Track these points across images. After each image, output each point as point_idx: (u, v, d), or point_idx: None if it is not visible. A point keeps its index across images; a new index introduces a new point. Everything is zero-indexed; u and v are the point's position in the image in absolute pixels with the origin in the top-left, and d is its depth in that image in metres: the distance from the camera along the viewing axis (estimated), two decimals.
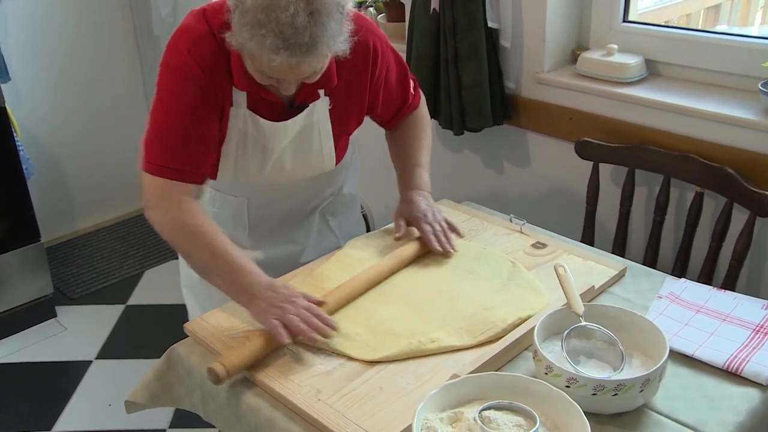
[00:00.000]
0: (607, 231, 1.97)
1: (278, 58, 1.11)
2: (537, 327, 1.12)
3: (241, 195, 1.49)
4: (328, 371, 1.15)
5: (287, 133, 1.36)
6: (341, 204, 1.66)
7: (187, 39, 1.26)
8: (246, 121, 1.33)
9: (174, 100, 1.26)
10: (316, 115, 1.37)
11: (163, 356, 1.28)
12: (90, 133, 3.30)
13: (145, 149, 1.29)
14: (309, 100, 1.35)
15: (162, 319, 2.75)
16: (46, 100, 3.11)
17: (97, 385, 2.41)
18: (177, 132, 1.26)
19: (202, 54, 1.25)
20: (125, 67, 3.34)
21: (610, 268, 1.42)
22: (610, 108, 1.88)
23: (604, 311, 1.17)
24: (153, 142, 1.28)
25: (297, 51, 1.10)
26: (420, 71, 2.06)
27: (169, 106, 1.26)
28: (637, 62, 1.87)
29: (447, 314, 1.26)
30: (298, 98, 1.34)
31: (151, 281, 3.01)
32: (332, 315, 1.24)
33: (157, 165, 1.28)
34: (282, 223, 1.56)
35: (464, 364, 1.13)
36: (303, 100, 1.34)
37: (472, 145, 2.27)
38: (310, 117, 1.36)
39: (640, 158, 1.81)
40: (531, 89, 2.04)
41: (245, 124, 1.34)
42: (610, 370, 1.10)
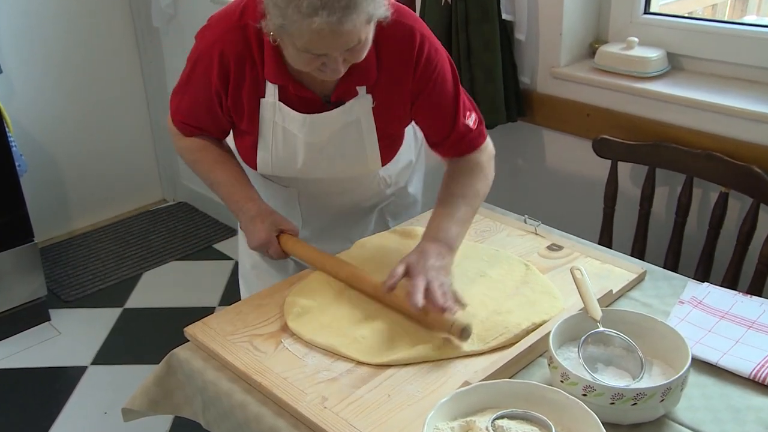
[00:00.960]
0: (626, 233, 1.97)
1: (318, 19, 1.10)
2: (552, 332, 1.12)
3: (291, 185, 1.54)
4: (334, 377, 1.15)
5: (323, 129, 1.38)
6: (404, 205, 1.68)
7: (216, 30, 1.34)
8: (276, 112, 1.37)
9: (188, 77, 1.40)
10: (357, 113, 1.38)
11: (163, 361, 1.28)
12: (87, 129, 3.31)
13: (174, 89, 1.47)
14: (346, 97, 1.36)
15: (161, 322, 2.75)
16: (41, 94, 3.13)
17: (92, 392, 2.42)
18: (189, 105, 1.43)
19: (228, 46, 1.31)
20: (124, 60, 3.35)
21: (629, 271, 1.42)
22: (630, 104, 1.88)
23: (623, 317, 1.17)
24: (175, 92, 1.47)
25: (336, 7, 1.10)
26: None
27: (185, 80, 1.42)
28: (658, 56, 1.87)
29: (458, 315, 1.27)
30: (335, 94, 1.36)
31: (149, 283, 3.02)
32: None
33: (171, 109, 1.48)
34: (337, 219, 1.60)
35: (476, 371, 1.13)
36: (340, 97, 1.36)
37: None
38: (350, 115, 1.38)
39: (661, 157, 1.81)
40: (547, 84, 2.04)
41: (277, 116, 1.38)
42: (629, 378, 1.11)
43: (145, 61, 3.40)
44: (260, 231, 1.42)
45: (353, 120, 1.38)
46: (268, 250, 1.43)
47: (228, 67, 1.33)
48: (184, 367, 1.26)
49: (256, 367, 1.18)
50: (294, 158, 1.43)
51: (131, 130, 3.47)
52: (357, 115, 1.38)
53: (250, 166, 1.50)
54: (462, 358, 1.19)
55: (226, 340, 1.25)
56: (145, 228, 3.45)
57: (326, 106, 1.37)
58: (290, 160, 1.43)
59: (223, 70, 1.34)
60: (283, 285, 1.41)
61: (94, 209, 3.47)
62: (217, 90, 1.37)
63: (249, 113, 1.39)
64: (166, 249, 3.25)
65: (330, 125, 1.38)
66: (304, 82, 1.34)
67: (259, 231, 1.43)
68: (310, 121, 1.37)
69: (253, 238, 1.44)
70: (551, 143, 2.11)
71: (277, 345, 1.24)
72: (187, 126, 1.47)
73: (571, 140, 2.05)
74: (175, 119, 1.48)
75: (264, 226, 1.42)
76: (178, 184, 3.68)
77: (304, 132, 1.39)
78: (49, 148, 3.23)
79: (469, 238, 1.55)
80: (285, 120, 1.38)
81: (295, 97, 1.36)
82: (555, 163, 2.12)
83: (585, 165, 2.03)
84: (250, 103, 1.38)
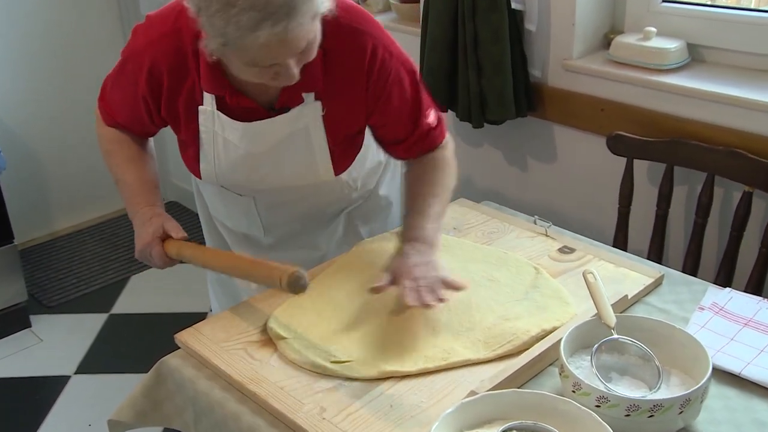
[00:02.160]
0: (643, 234, 1.98)
1: (262, 33, 1.09)
2: (564, 340, 1.13)
3: (245, 194, 1.53)
4: (333, 387, 1.16)
5: (266, 137, 1.38)
6: (375, 208, 1.67)
7: (151, 33, 1.34)
8: (215, 121, 1.37)
9: (119, 71, 1.43)
10: (304, 120, 1.37)
11: (152, 370, 1.29)
12: (70, 123, 3.31)
13: (103, 84, 1.49)
14: (291, 104, 1.35)
15: (150, 329, 2.76)
16: (20, 85, 3.13)
17: (76, 403, 2.43)
18: (116, 97, 1.46)
19: (160, 55, 1.32)
20: (109, 50, 3.35)
21: (645, 275, 1.43)
22: (647, 98, 1.89)
23: (639, 323, 1.18)
24: (107, 79, 1.48)
25: (279, 15, 1.09)
26: (435, 57, 2.06)
27: (117, 72, 1.44)
28: (677, 47, 1.87)
29: (463, 325, 1.28)
30: (280, 101, 1.35)
31: (137, 287, 3.02)
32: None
33: (101, 97, 1.50)
34: (301, 226, 1.59)
35: (483, 381, 1.14)
36: (285, 104, 1.35)
37: (492, 139, 2.27)
38: (297, 122, 1.37)
39: (679, 154, 1.81)
40: (558, 77, 2.05)
41: (216, 125, 1.37)
42: (646, 388, 1.11)
43: None
44: (144, 234, 1.40)
45: (300, 128, 1.38)
46: (151, 252, 1.40)
47: (160, 78, 1.34)
48: (174, 376, 1.26)
49: (251, 376, 1.18)
50: (237, 168, 1.42)
51: None
52: (304, 122, 1.37)
53: (195, 176, 1.50)
54: (468, 366, 1.20)
55: (219, 347, 1.26)
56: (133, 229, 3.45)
57: (269, 114, 1.36)
58: (234, 171, 1.43)
59: (154, 79, 1.34)
60: None
61: (78, 209, 3.47)
62: (144, 96, 1.37)
63: (186, 123, 1.39)
64: None
65: (273, 134, 1.38)
66: (244, 91, 1.33)
67: (144, 232, 1.40)
68: (251, 130, 1.37)
69: (139, 239, 1.41)
70: (563, 140, 2.11)
71: (273, 352, 1.24)
72: (110, 117, 1.49)
73: (584, 137, 2.05)
74: (100, 105, 1.50)
75: (148, 230, 1.40)
76: (168, 182, 3.68)
77: (245, 142, 1.38)
78: (29, 143, 3.23)
79: (475, 239, 1.56)
80: (225, 130, 1.37)
81: (236, 107, 1.35)
82: (567, 160, 2.13)
83: (599, 163, 2.04)
84: (187, 113, 1.38)
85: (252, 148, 1.39)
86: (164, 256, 1.40)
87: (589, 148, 2.05)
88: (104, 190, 3.50)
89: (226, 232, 1.67)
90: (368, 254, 1.48)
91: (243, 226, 1.61)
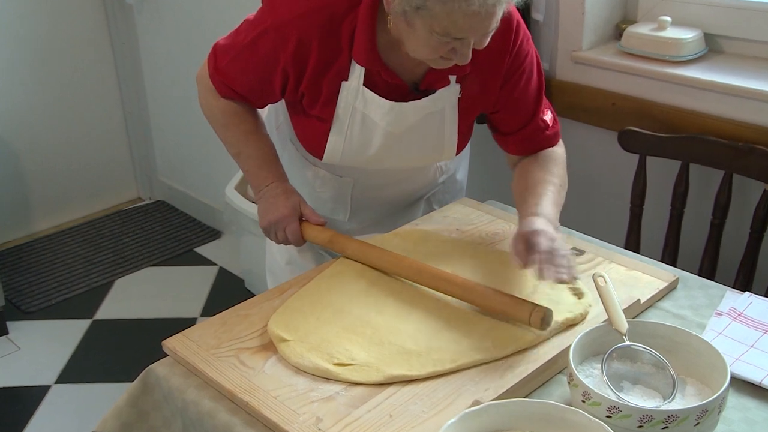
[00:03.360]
0: (656, 235, 1.98)
1: (477, 1, 1.18)
2: (573, 346, 1.13)
3: (347, 175, 1.61)
4: (329, 396, 1.16)
5: (407, 117, 1.45)
6: (451, 192, 1.77)
7: (299, 4, 1.38)
8: (359, 97, 1.43)
9: (250, 43, 1.43)
10: (442, 102, 1.45)
11: (138, 379, 1.29)
12: (50, 118, 3.32)
13: (217, 45, 1.50)
14: (438, 85, 1.43)
15: (136, 335, 2.76)
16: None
17: (56, 414, 2.43)
18: (239, 70, 1.47)
19: (311, 29, 1.36)
20: (92, 40, 3.36)
21: (659, 278, 1.43)
22: (661, 92, 1.89)
23: (652, 329, 1.18)
24: (222, 50, 1.49)
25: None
26: None
27: (243, 45, 1.45)
28: (694, 37, 1.87)
29: (470, 327, 1.28)
30: (426, 82, 1.42)
31: (122, 292, 3.03)
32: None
33: (212, 65, 1.51)
34: (385, 211, 1.68)
35: (488, 389, 1.14)
36: (430, 85, 1.43)
37: None
38: (436, 104, 1.45)
39: (696, 150, 1.82)
40: (567, 70, 2.05)
41: (358, 101, 1.43)
42: (660, 398, 1.11)
43: (117, 42, 3.41)
44: (282, 206, 1.51)
45: (437, 110, 1.46)
46: (286, 227, 1.51)
47: (308, 53, 1.39)
48: (161, 385, 1.27)
49: (243, 385, 1.19)
50: (368, 147, 1.49)
51: (102, 120, 3.47)
52: (442, 104, 1.45)
53: (312, 153, 1.56)
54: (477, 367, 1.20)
55: (210, 354, 1.26)
56: (118, 230, 3.46)
57: (413, 94, 1.44)
58: (364, 148, 1.50)
59: (301, 53, 1.39)
60: (273, 292, 1.42)
61: (60, 209, 3.48)
62: (285, 69, 1.41)
63: (326, 97, 1.45)
64: (142, 253, 3.26)
65: (414, 114, 1.45)
66: (393, 68, 1.41)
67: (281, 206, 1.51)
68: (397, 110, 1.44)
69: (272, 211, 1.52)
70: (572, 136, 2.11)
71: (267, 359, 1.25)
72: (228, 89, 1.51)
73: (594, 132, 2.06)
74: (215, 77, 1.52)
75: (287, 203, 1.51)
76: (155, 180, 3.69)
77: (387, 120, 1.45)
78: (7, 139, 3.23)
79: (481, 240, 1.57)
80: (367, 106, 1.44)
81: (383, 83, 1.42)
82: (576, 158, 2.13)
83: (610, 160, 2.04)
84: (330, 87, 1.43)
85: (392, 127, 1.46)
86: (299, 234, 1.52)
87: (600, 145, 2.05)
88: (87, 188, 3.51)
89: None
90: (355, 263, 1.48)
91: (327, 210, 1.67)
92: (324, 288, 1.40)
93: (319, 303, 1.36)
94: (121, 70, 3.45)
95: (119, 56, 3.43)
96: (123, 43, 3.40)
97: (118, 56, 3.43)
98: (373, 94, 1.43)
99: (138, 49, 3.39)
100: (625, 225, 1.97)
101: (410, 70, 1.42)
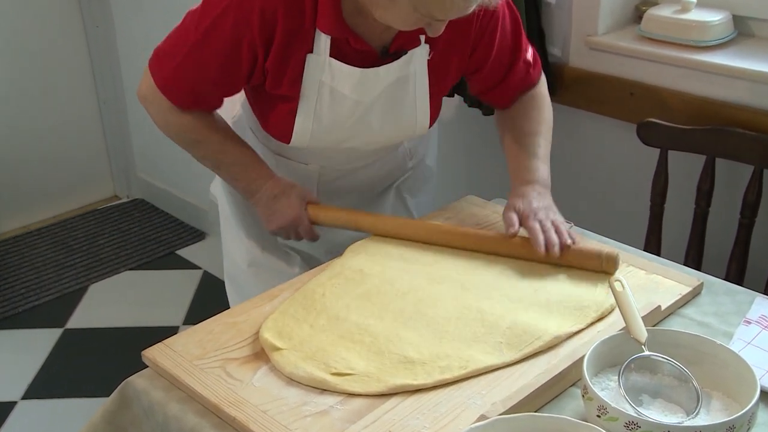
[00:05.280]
0: (679, 237, 1.99)
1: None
2: (587, 357, 1.13)
3: (313, 162, 1.64)
4: (324, 410, 1.17)
5: (377, 84, 1.48)
6: (422, 179, 1.81)
7: None
8: (326, 69, 1.44)
9: (202, 35, 1.42)
10: (413, 65, 1.48)
11: (115, 393, 1.29)
12: (18, 109, 3.31)
13: (158, 51, 1.49)
14: (408, 46, 1.46)
15: (112, 346, 2.76)
16: None
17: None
18: (192, 67, 1.45)
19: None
20: (63, 24, 3.36)
21: (681, 283, 1.44)
22: (685, 80, 1.90)
23: (674, 338, 1.19)
24: (166, 54, 1.48)
25: None
26: None
27: (199, 39, 1.43)
28: (721, 20, 1.87)
29: (477, 331, 1.30)
30: (396, 44, 1.45)
31: (97, 298, 3.03)
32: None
33: (159, 75, 1.49)
34: (354, 200, 1.70)
35: (495, 403, 1.14)
36: (400, 46, 1.46)
37: None
38: (407, 67, 1.48)
39: (722, 144, 1.82)
40: (581, 57, 2.06)
41: (325, 74, 1.44)
42: (682, 413, 1.12)
43: (90, 24, 3.40)
44: (287, 208, 1.54)
45: (408, 74, 1.49)
46: (298, 228, 1.55)
47: (274, 22, 1.39)
48: (141, 399, 1.27)
49: (230, 398, 1.19)
50: (338, 123, 1.51)
51: (74, 111, 3.47)
52: (413, 67, 1.48)
53: (278, 137, 1.56)
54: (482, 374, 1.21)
55: (193, 365, 1.26)
56: (93, 230, 3.46)
57: (381, 59, 1.46)
58: (334, 126, 1.52)
59: (266, 25, 1.39)
60: (263, 298, 1.43)
61: (27, 207, 3.47)
62: (253, 47, 1.41)
63: (292, 73, 1.45)
64: (119, 256, 3.27)
65: (383, 80, 1.48)
66: (360, 34, 1.43)
67: (285, 208, 1.54)
68: (368, 76, 1.46)
69: (280, 217, 1.55)
70: (587, 128, 2.12)
71: (256, 371, 1.25)
72: (185, 96, 1.50)
73: (611, 124, 2.06)
74: (166, 88, 1.49)
75: (291, 201, 1.54)
76: (133, 177, 3.69)
77: (359, 91, 1.47)
78: None
79: None
80: (335, 79, 1.46)
81: (351, 51, 1.44)
82: (591, 152, 2.14)
83: (628, 155, 2.05)
84: (296, 62, 1.44)
85: (361, 97, 1.47)
86: (312, 228, 1.57)
87: (617, 138, 2.06)
88: (58, 185, 3.51)
89: None
90: (356, 264, 1.49)
91: None
92: (319, 293, 1.40)
93: (314, 309, 1.36)
94: (95, 56, 3.45)
95: (93, 40, 3.42)
96: (97, 26, 3.39)
97: (92, 40, 3.42)
98: (341, 63, 1.44)
99: (114, 32, 3.39)
100: (645, 225, 1.98)
101: (378, 35, 1.45)
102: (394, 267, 1.47)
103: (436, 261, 1.49)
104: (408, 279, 1.43)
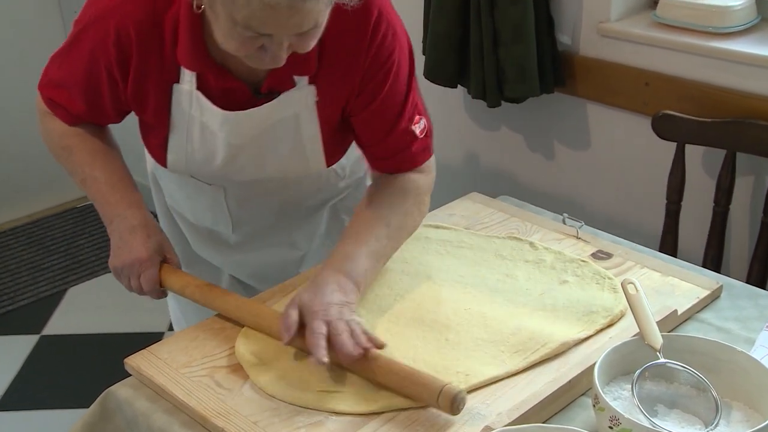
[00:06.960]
0: (697, 237, 1.99)
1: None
2: (598, 364, 1.14)
3: (215, 183, 1.56)
4: (317, 422, 1.17)
5: (249, 127, 1.40)
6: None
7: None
8: (193, 103, 1.39)
9: (71, 45, 1.43)
10: (293, 107, 1.40)
11: (95, 403, 1.29)
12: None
13: (47, 66, 1.49)
14: (280, 88, 1.38)
15: (92, 353, 2.76)
16: None
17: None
18: (65, 79, 1.45)
19: (128, 18, 1.32)
20: (40, 18, 3.35)
21: (699, 286, 1.44)
22: (703, 69, 1.90)
23: (692, 345, 1.19)
24: (52, 62, 1.48)
25: None
26: (442, 21, 2.08)
27: (68, 48, 1.44)
28: (743, 4, 1.87)
29: (477, 340, 1.30)
30: (267, 84, 1.37)
31: (76, 303, 3.03)
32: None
33: (44, 85, 1.50)
34: (276, 221, 1.62)
35: (500, 413, 1.15)
36: (272, 87, 1.38)
37: (512, 121, 2.29)
38: (287, 109, 1.40)
39: (743, 137, 1.82)
40: (593, 45, 2.06)
41: (194, 108, 1.39)
42: (700, 425, 1.12)
43: (68, 10, 3.40)
44: (141, 246, 1.42)
45: (290, 115, 1.41)
46: (141, 274, 1.42)
47: (128, 47, 1.34)
48: (123, 409, 1.27)
49: (219, 409, 1.19)
50: (213, 158, 1.45)
51: None
52: (294, 110, 1.40)
53: (160, 164, 1.52)
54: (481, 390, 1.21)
55: (179, 374, 1.27)
56: (71, 230, 3.46)
57: (255, 99, 1.39)
58: (209, 160, 1.46)
59: (121, 48, 1.35)
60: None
61: (2, 206, 3.47)
62: (109, 68, 1.37)
63: (156, 103, 1.40)
64: (99, 258, 3.26)
65: (259, 122, 1.40)
66: (229, 68, 1.35)
67: (139, 245, 1.42)
68: (233, 119, 1.39)
69: (127, 253, 1.43)
70: (598, 121, 2.13)
71: (246, 380, 1.25)
72: (58, 106, 1.48)
73: (624, 117, 2.06)
74: (45, 91, 1.49)
75: (147, 243, 1.43)
76: None
77: (226, 130, 1.40)
78: None
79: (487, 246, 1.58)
80: (204, 114, 1.39)
81: (218, 87, 1.37)
82: (603, 146, 2.14)
83: (643, 149, 2.05)
84: (158, 91, 1.39)
85: (233, 139, 1.41)
86: (158, 284, 1.43)
87: (631, 131, 2.06)
88: (34, 183, 3.50)
89: (187, 228, 1.70)
90: None
91: (208, 221, 1.64)
92: None
93: None
94: None
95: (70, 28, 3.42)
96: (75, 11, 3.38)
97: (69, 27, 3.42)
98: (206, 100, 1.38)
99: None
100: (661, 224, 1.98)
101: (249, 70, 1.34)
102: (393, 269, 1.47)
103: (436, 265, 1.49)
104: (407, 281, 1.44)
